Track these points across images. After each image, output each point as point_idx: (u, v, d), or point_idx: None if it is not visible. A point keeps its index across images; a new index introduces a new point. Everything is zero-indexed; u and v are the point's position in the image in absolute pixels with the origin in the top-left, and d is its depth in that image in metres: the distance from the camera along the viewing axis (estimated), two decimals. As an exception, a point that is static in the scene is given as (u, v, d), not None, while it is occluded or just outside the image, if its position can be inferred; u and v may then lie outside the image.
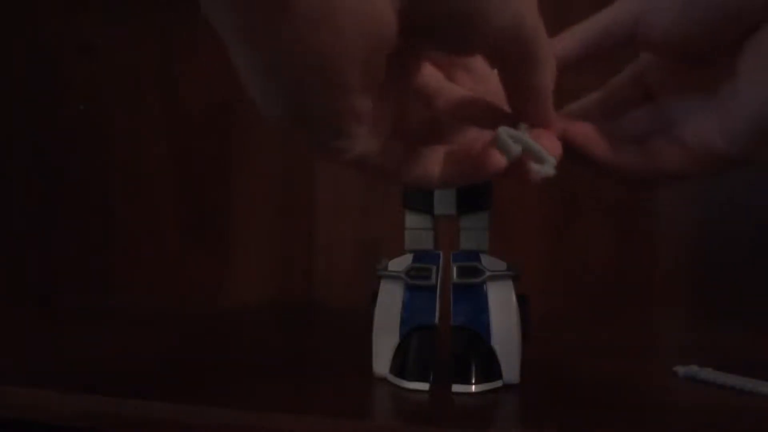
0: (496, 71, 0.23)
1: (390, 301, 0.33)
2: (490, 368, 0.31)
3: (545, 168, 0.23)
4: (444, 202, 0.34)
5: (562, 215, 0.61)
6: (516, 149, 0.22)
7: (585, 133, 0.27)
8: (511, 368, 0.31)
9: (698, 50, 0.24)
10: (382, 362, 0.33)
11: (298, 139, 0.22)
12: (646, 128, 0.27)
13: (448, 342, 0.32)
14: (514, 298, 0.32)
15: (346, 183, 0.69)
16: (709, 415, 0.27)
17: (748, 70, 0.23)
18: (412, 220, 0.34)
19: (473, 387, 0.30)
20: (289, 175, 0.71)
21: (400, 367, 0.32)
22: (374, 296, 0.34)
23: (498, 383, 0.31)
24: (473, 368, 0.31)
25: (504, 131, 0.22)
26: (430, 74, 0.25)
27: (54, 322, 0.60)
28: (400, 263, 0.34)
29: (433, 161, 0.24)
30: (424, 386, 0.31)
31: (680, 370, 0.34)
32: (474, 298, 0.32)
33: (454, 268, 0.32)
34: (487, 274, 0.32)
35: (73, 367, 0.38)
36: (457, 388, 0.30)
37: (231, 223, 0.73)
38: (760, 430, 0.26)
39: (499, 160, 0.22)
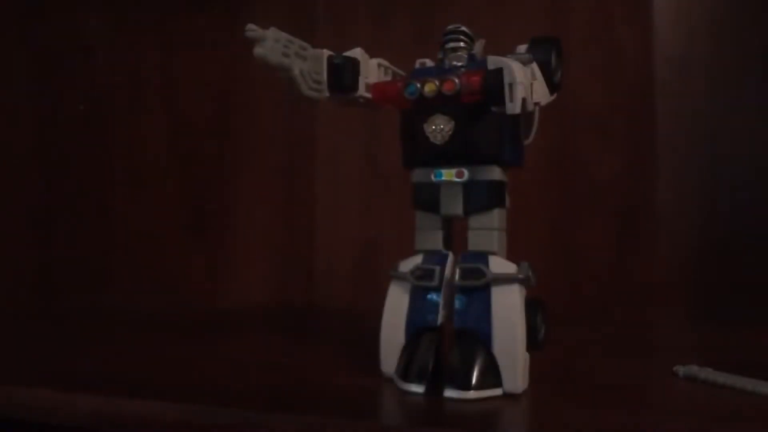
0: None
1: (397, 302, 0.33)
2: (488, 375, 0.30)
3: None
4: (450, 203, 0.32)
5: (562, 215, 0.61)
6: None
7: None
8: (512, 377, 0.30)
9: None
10: (389, 362, 0.33)
11: None
12: None
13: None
14: (519, 304, 0.30)
15: (346, 183, 0.69)
16: (709, 415, 0.27)
17: None
18: (421, 220, 0.33)
19: (466, 393, 0.29)
20: (289, 174, 0.71)
21: (401, 368, 0.32)
22: None
23: (497, 391, 0.30)
24: (467, 374, 0.29)
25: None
26: None
27: (54, 322, 0.59)
28: (408, 264, 0.33)
29: None
30: (419, 388, 0.30)
31: (680, 370, 0.34)
32: (477, 302, 0.31)
33: (457, 270, 0.31)
34: (490, 277, 0.30)
35: (73, 367, 0.38)
36: (449, 393, 0.29)
37: (231, 223, 0.73)
38: (760, 430, 0.26)
39: None
